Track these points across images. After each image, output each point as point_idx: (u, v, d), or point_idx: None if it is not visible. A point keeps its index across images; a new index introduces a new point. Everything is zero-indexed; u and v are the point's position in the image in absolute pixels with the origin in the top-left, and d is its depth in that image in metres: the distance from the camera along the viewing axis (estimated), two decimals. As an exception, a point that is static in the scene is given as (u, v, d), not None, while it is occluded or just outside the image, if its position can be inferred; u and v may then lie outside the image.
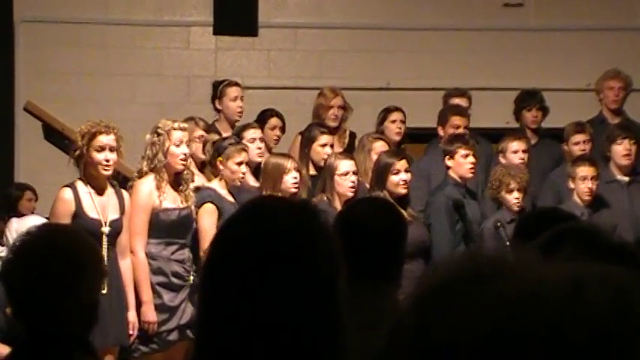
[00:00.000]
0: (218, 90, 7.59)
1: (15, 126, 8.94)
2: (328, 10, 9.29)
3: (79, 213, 5.64)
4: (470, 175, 6.69)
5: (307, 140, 7.05)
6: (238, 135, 6.83)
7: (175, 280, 5.96)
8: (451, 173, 6.68)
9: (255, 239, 1.83)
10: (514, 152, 7.12)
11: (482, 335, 0.78)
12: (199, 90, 8.82)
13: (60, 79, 8.92)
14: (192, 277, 5.96)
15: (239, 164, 6.22)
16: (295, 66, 9.19)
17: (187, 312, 5.90)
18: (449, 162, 6.69)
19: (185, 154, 6.02)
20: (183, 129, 6.07)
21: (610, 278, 0.81)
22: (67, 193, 5.67)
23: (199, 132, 6.78)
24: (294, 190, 6.27)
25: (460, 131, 7.20)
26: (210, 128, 7.05)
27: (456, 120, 7.34)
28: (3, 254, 5.27)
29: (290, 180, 6.30)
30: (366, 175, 6.65)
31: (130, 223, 5.85)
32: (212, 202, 6.07)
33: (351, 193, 6.32)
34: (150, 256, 5.91)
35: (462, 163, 6.64)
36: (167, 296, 5.93)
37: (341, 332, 1.81)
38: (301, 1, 9.34)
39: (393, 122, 7.61)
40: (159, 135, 5.98)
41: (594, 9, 9.33)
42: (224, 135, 6.96)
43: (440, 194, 6.63)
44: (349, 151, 7.19)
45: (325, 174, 6.50)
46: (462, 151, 6.64)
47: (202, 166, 6.74)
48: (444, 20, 9.24)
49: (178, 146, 5.98)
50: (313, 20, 9.23)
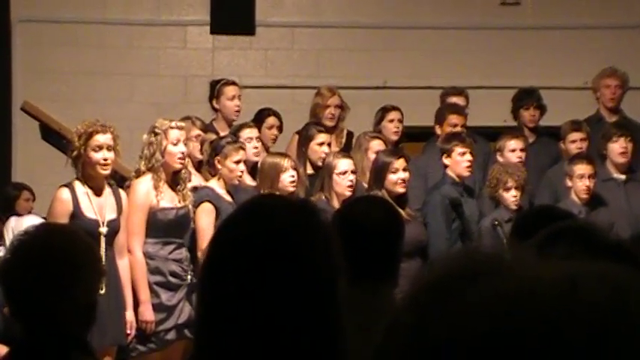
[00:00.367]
0: (215, 89, 7.59)
1: (12, 126, 8.93)
2: (325, 9, 9.29)
3: (77, 213, 5.64)
4: (467, 174, 6.70)
5: (305, 139, 7.04)
6: (235, 134, 6.82)
7: (173, 280, 5.95)
8: (448, 172, 6.69)
9: (253, 239, 1.82)
10: (512, 151, 7.12)
11: (480, 333, 0.78)
12: (197, 89, 8.81)
13: (57, 79, 8.91)
14: (189, 277, 5.96)
15: (237, 163, 6.21)
16: (292, 65, 9.19)
17: (185, 311, 5.90)
18: (446, 160, 6.70)
19: (183, 153, 6.02)
20: (180, 128, 6.07)
21: (606, 276, 0.80)
22: (65, 193, 5.66)
23: (196, 131, 6.78)
24: (291, 189, 6.27)
25: (457, 130, 7.21)
26: (207, 128, 7.05)
27: (454, 119, 7.34)
28: (0, 254, 5.27)
29: (287, 179, 6.30)
30: (363, 174, 6.65)
31: (128, 223, 5.84)
32: (210, 202, 6.07)
33: (349, 193, 6.32)
34: (147, 256, 5.91)
35: (459, 162, 6.64)
36: (165, 296, 5.93)
37: (340, 333, 1.80)
38: (298, 1, 9.33)
39: (391, 122, 7.60)
40: (156, 134, 5.98)
41: (591, 7, 9.33)
42: (221, 134, 6.97)
43: (436, 193, 6.63)
44: (346, 151, 7.18)
45: (324, 173, 6.50)
46: (459, 149, 6.65)
47: (199, 166, 6.74)
48: (441, 19, 9.24)
49: (176, 145, 5.98)
50: (310, 19, 9.23)
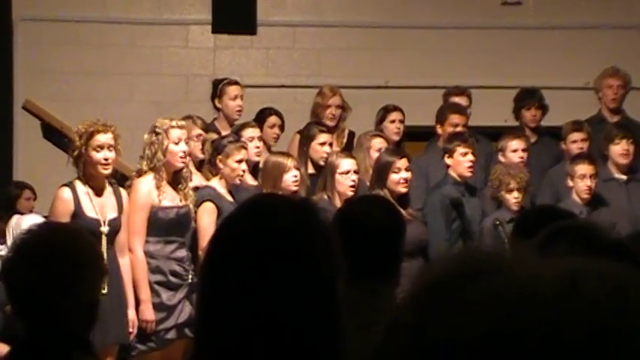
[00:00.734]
0: (218, 88, 7.57)
1: (13, 124, 8.93)
2: (326, 9, 9.28)
3: (78, 212, 5.64)
4: (469, 174, 6.69)
5: (306, 139, 7.04)
6: (237, 134, 6.82)
7: (173, 279, 5.95)
8: (450, 172, 6.68)
9: (255, 236, 1.82)
10: (513, 151, 7.11)
11: (480, 334, 0.77)
12: (198, 88, 8.81)
13: (59, 78, 8.91)
14: (190, 276, 5.95)
15: (239, 162, 6.21)
16: (294, 64, 9.19)
17: (185, 311, 5.90)
18: (448, 160, 6.69)
19: (184, 152, 6.02)
20: (181, 127, 6.07)
21: (607, 274, 0.80)
22: (66, 193, 5.67)
23: (197, 131, 6.77)
24: (294, 189, 6.27)
25: (459, 129, 7.20)
26: (209, 127, 7.04)
27: (455, 118, 7.33)
28: (3, 253, 5.28)
29: (290, 179, 6.29)
30: (366, 173, 6.64)
31: (129, 222, 5.84)
32: (211, 201, 6.07)
33: (352, 192, 6.31)
34: (148, 255, 5.91)
35: (461, 162, 6.64)
36: (165, 295, 5.93)
37: (340, 333, 1.81)
38: (299, 0, 9.33)
39: (392, 122, 7.59)
40: (157, 134, 5.97)
41: (593, 7, 9.32)
42: (223, 134, 6.96)
43: (436, 193, 6.63)
44: (347, 151, 7.18)
45: (326, 172, 6.49)
46: (461, 150, 6.65)
47: (200, 166, 6.74)
48: (443, 18, 9.23)
49: (177, 144, 5.98)
50: (312, 19, 9.23)
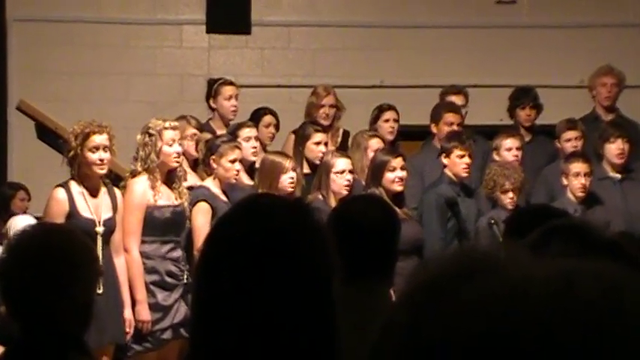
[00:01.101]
0: (213, 88, 7.57)
1: (8, 125, 8.92)
2: (321, 9, 9.28)
3: (73, 213, 5.63)
4: (464, 175, 6.69)
5: (301, 138, 7.03)
6: (233, 133, 6.82)
7: (169, 280, 5.95)
8: (446, 171, 6.69)
9: (251, 236, 1.82)
10: (508, 150, 7.11)
11: (476, 334, 0.77)
12: (193, 88, 8.80)
13: (53, 79, 8.90)
14: (185, 276, 5.95)
15: (233, 162, 6.21)
16: (288, 64, 9.18)
17: (181, 311, 5.90)
18: (445, 160, 6.70)
19: (178, 153, 6.02)
20: (174, 128, 6.06)
21: (601, 275, 0.79)
22: (61, 193, 5.66)
23: (192, 130, 6.76)
24: (290, 190, 6.26)
25: (454, 128, 7.20)
26: (204, 127, 7.03)
27: (450, 117, 7.33)
28: None
29: (287, 180, 6.29)
30: (363, 173, 6.64)
31: (124, 222, 5.84)
32: (206, 201, 6.06)
33: (346, 192, 6.30)
34: (144, 255, 5.90)
35: (458, 163, 6.65)
36: (161, 295, 5.93)
37: (337, 333, 1.80)
38: (294, 0, 9.33)
39: (386, 121, 7.59)
40: (150, 135, 5.97)
41: (587, 6, 9.33)
42: (218, 134, 6.95)
43: (432, 192, 6.63)
44: (342, 150, 7.17)
45: (321, 171, 6.49)
46: (458, 152, 6.65)
47: (195, 165, 6.73)
48: (437, 18, 9.24)
49: (171, 145, 5.98)
50: (306, 18, 9.22)
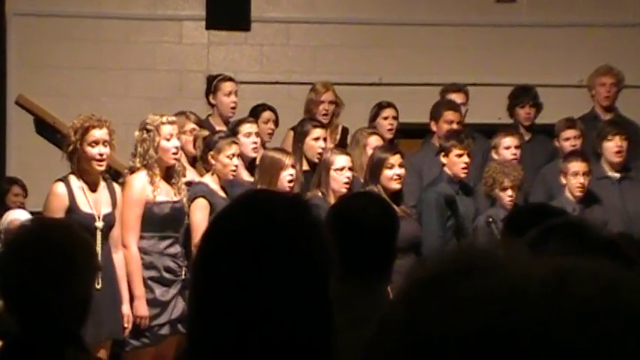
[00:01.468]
0: (212, 85, 7.56)
1: (6, 120, 8.91)
2: (321, 6, 9.27)
3: (73, 208, 5.63)
4: (463, 175, 6.70)
5: (300, 135, 7.01)
6: (234, 129, 6.82)
7: (167, 275, 5.95)
8: (446, 169, 6.69)
9: (250, 232, 1.82)
10: (506, 148, 7.12)
11: (474, 331, 0.77)
12: (192, 84, 8.80)
13: (52, 73, 8.89)
14: (184, 272, 5.96)
15: (230, 157, 6.20)
16: (288, 61, 9.18)
17: (179, 307, 5.90)
18: (443, 159, 6.70)
19: (177, 148, 6.01)
20: (172, 122, 6.05)
21: (597, 273, 0.79)
22: (61, 188, 5.66)
23: (191, 125, 6.76)
24: (289, 187, 6.26)
25: (454, 126, 7.20)
26: (203, 123, 7.03)
27: (449, 115, 7.33)
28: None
29: (287, 177, 6.29)
30: (361, 171, 6.63)
31: (123, 218, 5.84)
32: (204, 197, 6.06)
33: (346, 189, 6.30)
34: (142, 251, 5.90)
35: (456, 162, 6.65)
36: (159, 291, 5.93)
37: (333, 329, 1.81)
38: (294, -4, 9.33)
39: (385, 119, 7.59)
40: (148, 131, 5.96)
41: (587, 5, 9.33)
42: (217, 130, 6.94)
43: (431, 190, 6.63)
44: (341, 147, 7.17)
45: (320, 169, 6.48)
46: (457, 151, 6.65)
47: (194, 161, 6.73)
48: (437, 16, 9.23)
49: (169, 140, 5.97)
50: (306, 15, 9.22)
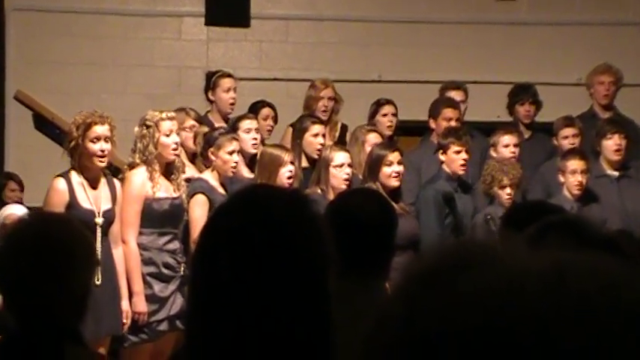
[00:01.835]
0: (211, 81, 7.56)
1: (5, 115, 8.91)
2: (320, 3, 9.27)
3: (73, 203, 5.63)
4: (461, 172, 6.70)
5: (299, 131, 7.01)
6: (234, 125, 6.82)
7: (166, 271, 5.95)
8: (444, 167, 6.70)
9: (249, 228, 1.82)
10: (505, 146, 7.11)
11: (472, 327, 0.77)
12: (191, 81, 8.80)
13: (51, 69, 8.89)
14: (182, 269, 5.96)
15: (230, 153, 6.20)
16: (287, 58, 9.18)
17: (177, 303, 5.90)
18: (442, 156, 6.70)
19: (176, 143, 6.02)
20: (171, 118, 6.05)
21: (596, 268, 0.79)
22: (61, 184, 5.65)
23: (190, 122, 6.76)
24: (288, 183, 6.26)
25: (453, 124, 7.20)
26: (203, 120, 7.03)
27: (448, 112, 7.32)
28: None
29: (286, 173, 6.29)
30: (360, 168, 6.63)
31: (123, 213, 5.84)
32: (203, 193, 6.06)
33: (345, 186, 6.29)
34: (141, 247, 5.90)
35: (455, 159, 6.65)
36: (157, 287, 5.93)
37: (332, 325, 1.81)
38: (293, -7, 9.32)
39: (385, 116, 7.60)
40: (148, 127, 5.96)
41: (586, 3, 9.33)
42: (216, 126, 6.95)
43: (430, 187, 6.64)
44: (340, 143, 7.17)
45: (320, 165, 6.48)
46: (455, 148, 6.65)
47: (193, 158, 6.73)
48: (437, 13, 9.23)
49: (168, 136, 5.97)
50: (305, 12, 9.21)
